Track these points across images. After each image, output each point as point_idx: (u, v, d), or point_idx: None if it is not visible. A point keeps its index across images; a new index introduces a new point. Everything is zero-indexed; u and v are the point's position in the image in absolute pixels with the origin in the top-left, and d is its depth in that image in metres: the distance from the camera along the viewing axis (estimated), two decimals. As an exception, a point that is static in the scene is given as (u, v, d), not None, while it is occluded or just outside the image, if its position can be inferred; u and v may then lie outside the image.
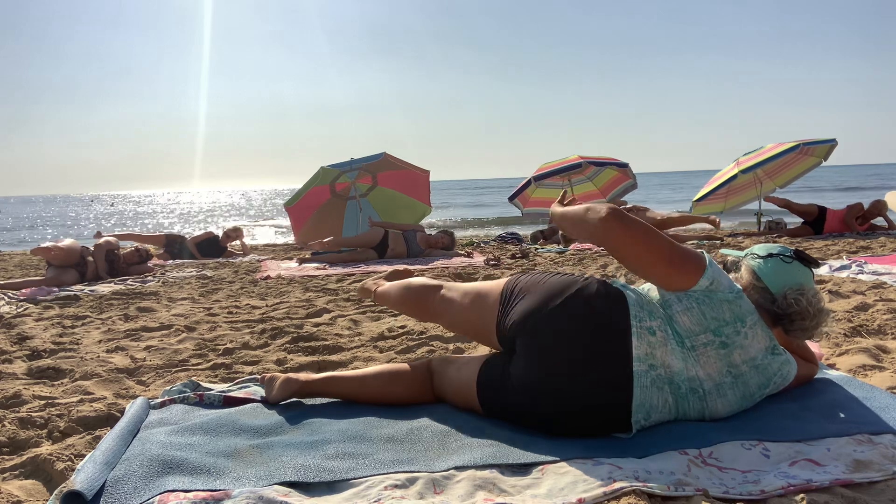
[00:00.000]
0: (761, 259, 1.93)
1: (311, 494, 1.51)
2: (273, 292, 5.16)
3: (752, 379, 1.77)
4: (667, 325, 1.73)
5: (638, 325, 1.72)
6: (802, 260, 1.93)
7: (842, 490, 1.43)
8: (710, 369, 1.73)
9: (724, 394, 1.76)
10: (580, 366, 1.72)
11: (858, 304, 3.52)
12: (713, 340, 1.72)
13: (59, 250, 6.07)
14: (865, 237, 7.95)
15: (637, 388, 1.70)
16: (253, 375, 2.52)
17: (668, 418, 1.78)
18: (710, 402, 1.76)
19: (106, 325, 3.90)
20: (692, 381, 1.74)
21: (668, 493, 1.42)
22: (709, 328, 1.72)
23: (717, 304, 1.73)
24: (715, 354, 1.72)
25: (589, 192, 10.70)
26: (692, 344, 1.72)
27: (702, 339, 1.72)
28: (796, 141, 9.15)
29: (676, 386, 1.73)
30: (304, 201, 9.18)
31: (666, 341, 1.71)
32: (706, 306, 1.73)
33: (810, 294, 1.85)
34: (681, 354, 1.72)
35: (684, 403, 1.76)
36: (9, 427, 2.01)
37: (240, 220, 26.86)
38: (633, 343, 1.70)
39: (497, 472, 1.56)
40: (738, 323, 1.73)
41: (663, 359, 1.71)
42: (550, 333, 1.76)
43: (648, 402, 1.72)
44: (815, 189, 28.51)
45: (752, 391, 1.80)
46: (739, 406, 1.81)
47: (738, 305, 1.74)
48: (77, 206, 53.62)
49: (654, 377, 1.71)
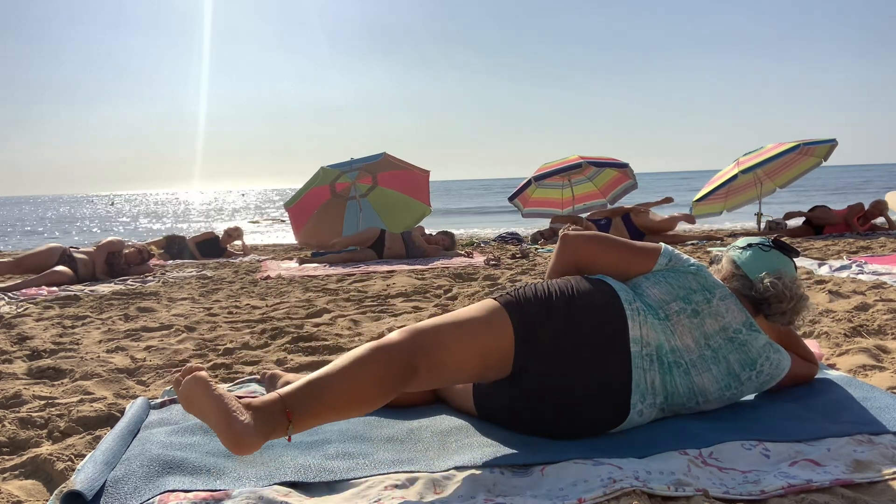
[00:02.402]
0: (740, 249, 2.03)
1: (312, 494, 1.51)
2: (273, 292, 5.16)
3: (732, 354, 1.81)
4: (641, 302, 1.81)
5: (630, 307, 1.77)
6: (781, 248, 2.01)
7: (842, 490, 1.43)
8: (688, 339, 1.79)
9: (707, 368, 1.80)
10: (587, 369, 1.71)
11: (858, 304, 3.52)
12: (684, 308, 1.80)
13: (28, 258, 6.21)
14: (866, 237, 7.95)
15: (634, 371, 1.73)
16: (253, 375, 2.52)
17: (660, 400, 1.78)
18: (696, 375, 1.79)
19: (106, 325, 3.90)
20: (674, 352, 1.78)
21: (668, 494, 1.42)
22: (678, 296, 1.81)
23: (681, 275, 1.86)
24: (688, 322, 1.79)
25: (589, 192, 10.70)
26: (665, 314, 1.79)
27: (673, 308, 1.80)
28: (796, 141, 9.14)
29: (661, 361, 1.77)
30: (304, 201, 9.18)
31: (646, 316, 1.77)
32: (672, 278, 1.86)
33: (787, 279, 1.92)
34: (659, 326, 1.78)
35: (670, 379, 1.77)
36: (9, 427, 2.01)
37: (254, 217, 26.67)
38: (629, 326, 1.74)
39: (497, 473, 1.56)
40: (705, 292, 1.83)
41: (647, 335, 1.76)
42: (559, 346, 1.72)
43: (643, 384, 1.74)
44: (815, 189, 28.52)
45: (737, 370, 1.82)
46: (727, 385, 1.82)
47: (702, 277, 1.86)
48: (76, 207, 53.59)
49: (643, 356, 1.75)
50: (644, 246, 1.94)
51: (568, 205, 10.56)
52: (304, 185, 9.13)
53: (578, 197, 10.61)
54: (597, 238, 1.95)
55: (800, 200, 18.46)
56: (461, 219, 21.21)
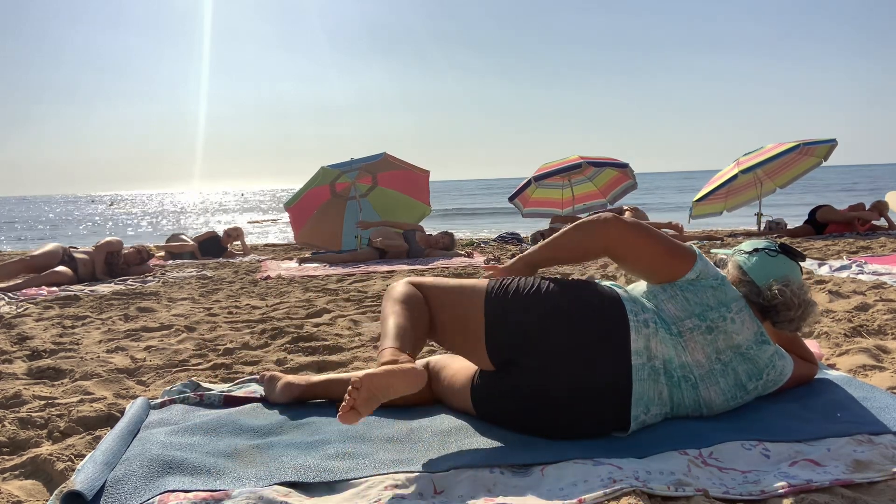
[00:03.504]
0: (747, 254, 1.99)
1: (312, 495, 1.51)
2: (273, 292, 5.16)
3: (741, 366, 1.80)
4: (655, 315, 1.77)
5: (635, 320, 1.75)
6: (788, 253, 1.97)
7: (842, 490, 1.43)
8: (699, 355, 1.77)
9: (715, 381, 1.78)
10: (584, 370, 1.72)
11: (858, 305, 3.52)
12: (699, 325, 1.76)
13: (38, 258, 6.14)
14: (866, 237, 7.95)
15: (636, 382, 1.72)
16: (253, 375, 2.52)
17: (665, 411, 1.79)
18: (703, 389, 1.78)
19: (106, 326, 3.90)
20: (684, 367, 1.76)
21: (668, 494, 1.42)
22: (693, 313, 1.77)
23: (700, 291, 1.79)
24: (701, 339, 1.76)
25: (589, 192, 10.69)
26: (678, 330, 1.76)
27: (687, 325, 1.76)
28: (796, 141, 9.14)
29: (670, 375, 1.76)
30: (304, 201, 9.17)
31: (657, 331, 1.75)
32: (689, 293, 1.79)
33: (795, 286, 1.89)
34: (671, 342, 1.76)
35: (678, 392, 1.77)
36: (9, 427, 2.01)
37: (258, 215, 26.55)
38: (632, 337, 1.73)
39: (497, 473, 1.56)
40: (722, 308, 1.78)
41: (657, 349, 1.74)
42: (554, 344, 1.74)
43: (646, 396, 1.74)
44: (815, 189, 28.50)
45: (744, 381, 1.81)
46: (733, 396, 1.82)
47: (722, 292, 1.80)
48: (75, 206, 53.57)
49: (650, 369, 1.74)
50: (682, 249, 1.84)
51: (568, 205, 10.56)
52: (304, 185, 9.13)
53: (578, 197, 10.61)
54: (640, 226, 1.83)
55: (801, 201, 18.45)
56: (462, 219, 21.20)
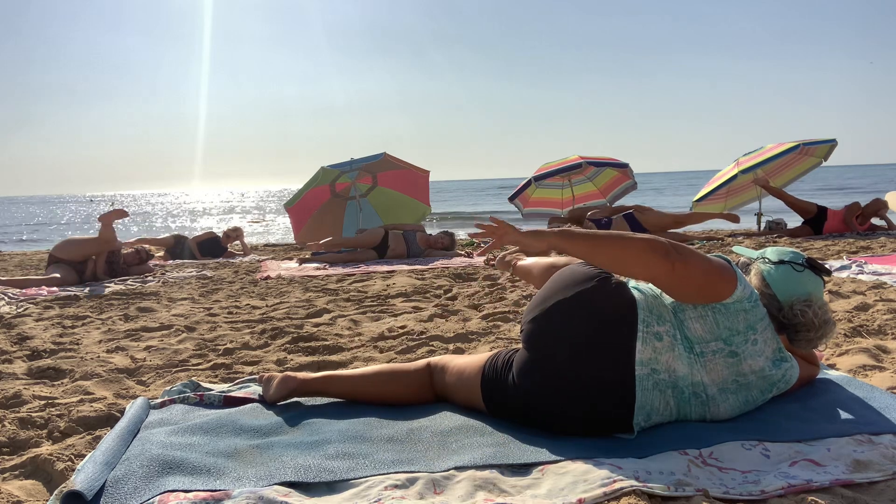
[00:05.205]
0: (773, 265, 1.91)
1: (312, 495, 1.51)
2: (273, 292, 5.16)
3: (756, 384, 1.78)
4: (676, 329, 1.73)
5: (645, 330, 1.71)
6: (814, 269, 1.90)
7: (842, 490, 1.43)
8: (716, 376, 1.74)
9: (726, 398, 1.76)
10: (582, 361, 1.72)
11: (858, 304, 3.52)
12: (723, 349, 1.72)
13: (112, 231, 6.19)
14: (865, 237, 7.95)
15: (639, 391, 1.71)
16: (253, 375, 2.52)
17: (669, 419, 1.78)
18: (713, 405, 1.76)
19: (106, 325, 3.90)
20: (696, 385, 1.74)
21: (668, 494, 1.42)
22: (720, 336, 1.72)
23: (732, 315, 1.72)
24: (723, 363, 1.72)
25: (589, 192, 10.69)
26: (701, 350, 1.72)
27: (711, 347, 1.72)
28: (796, 141, 9.14)
29: (680, 390, 1.74)
30: (304, 201, 9.18)
31: (673, 346, 1.71)
32: (721, 315, 1.72)
33: (817, 306, 1.83)
34: (687, 360, 1.72)
35: (686, 407, 1.76)
36: (9, 427, 2.01)
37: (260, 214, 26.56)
38: (637, 347, 1.71)
39: (497, 473, 1.56)
40: (749, 332, 1.73)
41: (668, 363, 1.71)
42: (555, 321, 1.78)
43: (649, 405, 1.73)
44: (815, 189, 28.50)
45: (755, 396, 1.80)
46: (741, 410, 1.81)
47: (753, 314, 1.74)
48: (76, 206, 53.57)
49: (656, 380, 1.72)
50: (727, 274, 1.71)
51: (568, 205, 10.56)
52: (304, 185, 9.13)
53: (578, 197, 10.61)
54: (699, 266, 1.68)
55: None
56: (462, 220, 21.19)
